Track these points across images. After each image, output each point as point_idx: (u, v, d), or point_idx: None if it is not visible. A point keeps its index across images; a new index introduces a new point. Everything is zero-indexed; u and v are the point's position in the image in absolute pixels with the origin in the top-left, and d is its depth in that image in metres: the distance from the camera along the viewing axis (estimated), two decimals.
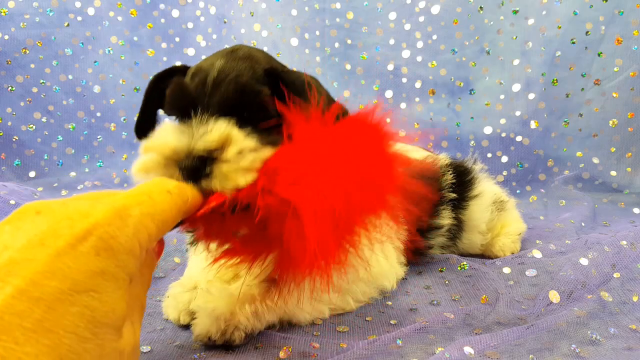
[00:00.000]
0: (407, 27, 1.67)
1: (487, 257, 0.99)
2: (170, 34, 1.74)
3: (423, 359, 0.57)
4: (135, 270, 0.33)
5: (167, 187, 0.40)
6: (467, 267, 0.87)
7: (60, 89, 1.68)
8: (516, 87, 1.64)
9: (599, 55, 1.58)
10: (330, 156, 0.48)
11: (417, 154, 0.98)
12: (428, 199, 0.93)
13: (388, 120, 0.55)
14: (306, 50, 1.69)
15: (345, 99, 1.69)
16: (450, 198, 0.96)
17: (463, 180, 1.00)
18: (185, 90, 0.56)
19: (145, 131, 0.66)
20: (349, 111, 0.59)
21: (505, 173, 1.66)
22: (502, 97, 1.66)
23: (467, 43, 1.66)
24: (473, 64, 1.67)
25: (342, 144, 0.50)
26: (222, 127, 0.51)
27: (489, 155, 1.67)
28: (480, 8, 1.63)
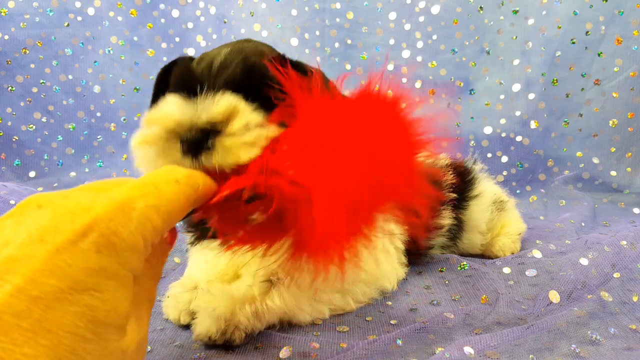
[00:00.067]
0: (407, 27, 1.67)
1: (487, 257, 0.99)
2: (170, 34, 1.74)
3: (423, 359, 0.56)
4: (139, 266, 0.32)
5: (175, 176, 0.37)
6: (467, 267, 0.87)
7: (60, 89, 1.68)
8: (516, 87, 1.64)
9: (599, 55, 1.58)
10: (344, 136, 0.45)
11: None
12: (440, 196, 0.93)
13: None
14: (306, 50, 1.69)
15: None
16: (450, 198, 0.96)
17: (463, 180, 1.00)
18: (191, 70, 0.54)
19: None
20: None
21: (505, 173, 1.66)
22: (502, 97, 1.66)
23: (467, 43, 1.66)
24: (473, 64, 1.67)
25: (356, 122, 0.46)
26: (228, 100, 0.49)
27: (489, 155, 1.67)
28: (480, 8, 1.63)
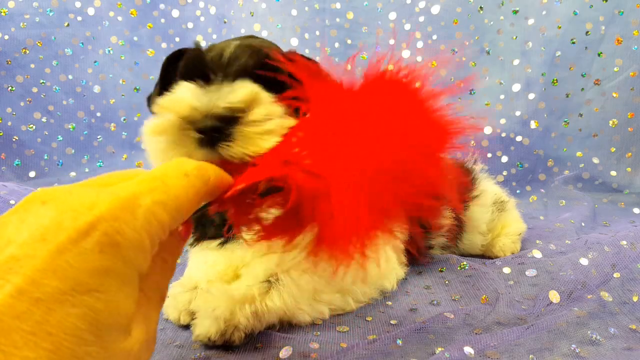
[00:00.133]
0: (407, 27, 1.67)
1: (487, 257, 0.99)
2: (170, 34, 1.74)
3: (423, 359, 0.56)
4: (145, 265, 0.31)
5: (184, 170, 0.35)
6: (467, 267, 0.87)
7: (60, 89, 1.68)
8: (516, 87, 1.64)
9: (599, 55, 1.58)
10: (363, 122, 0.42)
11: None
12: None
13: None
14: (306, 50, 1.69)
15: None
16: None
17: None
18: (202, 58, 0.52)
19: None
20: None
21: (505, 173, 1.66)
22: (502, 97, 1.66)
23: (467, 43, 1.66)
24: (473, 64, 1.67)
25: (374, 108, 0.43)
26: (249, 86, 0.47)
27: (489, 155, 1.67)
28: (480, 8, 1.63)
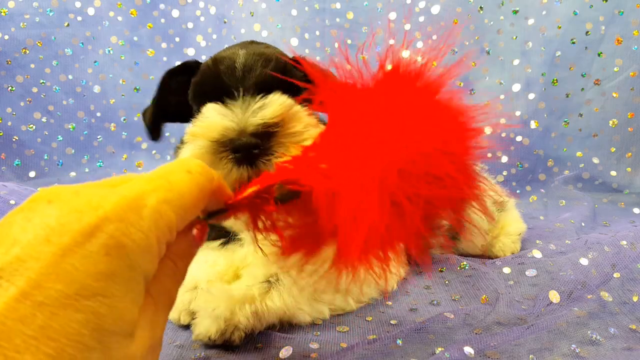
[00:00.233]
0: (407, 27, 1.67)
1: (487, 257, 0.99)
2: (170, 34, 1.74)
3: (423, 359, 0.56)
4: (152, 268, 0.30)
5: (186, 167, 0.34)
6: (467, 267, 0.87)
7: (60, 89, 1.68)
8: (516, 87, 1.64)
9: (599, 55, 1.58)
10: (383, 124, 0.41)
11: None
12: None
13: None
14: (306, 50, 1.69)
15: None
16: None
17: None
18: (218, 73, 0.52)
19: (158, 130, 0.64)
20: None
21: (505, 173, 1.66)
22: (502, 97, 1.66)
23: (467, 43, 1.66)
24: (473, 64, 1.67)
25: (392, 109, 0.42)
26: (281, 100, 0.46)
27: (489, 155, 1.66)
28: (480, 8, 1.63)
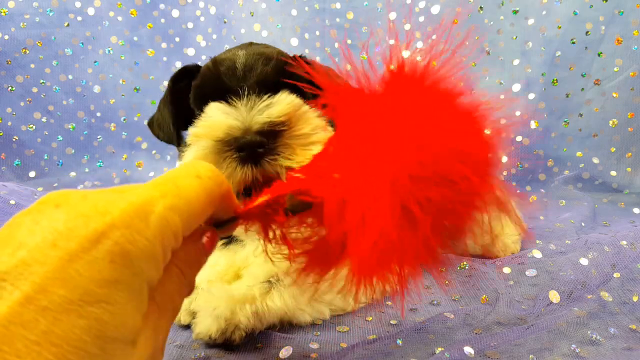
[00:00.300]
0: (407, 27, 1.67)
1: (487, 257, 0.99)
2: (170, 34, 1.73)
3: (423, 359, 0.57)
4: (156, 276, 0.30)
5: (196, 171, 0.34)
6: (467, 267, 0.87)
7: (60, 89, 1.68)
8: (516, 87, 1.63)
9: (599, 55, 1.58)
10: (398, 129, 0.39)
11: None
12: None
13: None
14: (306, 50, 1.69)
15: None
16: None
17: None
18: (218, 76, 0.52)
19: (180, 137, 0.64)
20: None
21: (505, 173, 1.66)
22: (502, 97, 1.66)
23: (467, 43, 1.66)
24: (473, 64, 1.67)
25: (400, 113, 0.40)
26: (289, 99, 0.45)
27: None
28: (480, 8, 1.63)
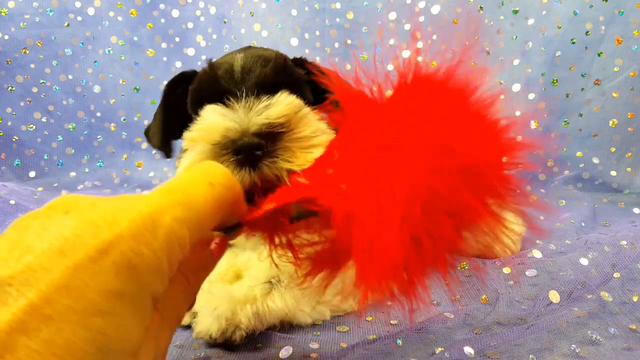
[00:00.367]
0: (407, 27, 1.67)
1: (487, 257, 0.99)
2: (170, 34, 1.73)
3: (423, 359, 0.57)
4: (161, 288, 0.30)
5: (208, 178, 0.33)
6: (467, 267, 0.87)
7: (60, 89, 1.68)
8: (516, 87, 1.64)
9: (599, 55, 1.58)
10: (401, 143, 0.38)
11: None
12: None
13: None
14: (306, 50, 1.69)
15: None
16: None
17: None
18: (215, 79, 0.51)
19: (170, 148, 0.65)
20: None
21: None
22: (502, 97, 1.66)
23: (467, 43, 1.66)
24: (473, 63, 1.67)
25: (411, 122, 0.39)
26: (288, 99, 0.44)
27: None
28: (480, 8, 1.63)
